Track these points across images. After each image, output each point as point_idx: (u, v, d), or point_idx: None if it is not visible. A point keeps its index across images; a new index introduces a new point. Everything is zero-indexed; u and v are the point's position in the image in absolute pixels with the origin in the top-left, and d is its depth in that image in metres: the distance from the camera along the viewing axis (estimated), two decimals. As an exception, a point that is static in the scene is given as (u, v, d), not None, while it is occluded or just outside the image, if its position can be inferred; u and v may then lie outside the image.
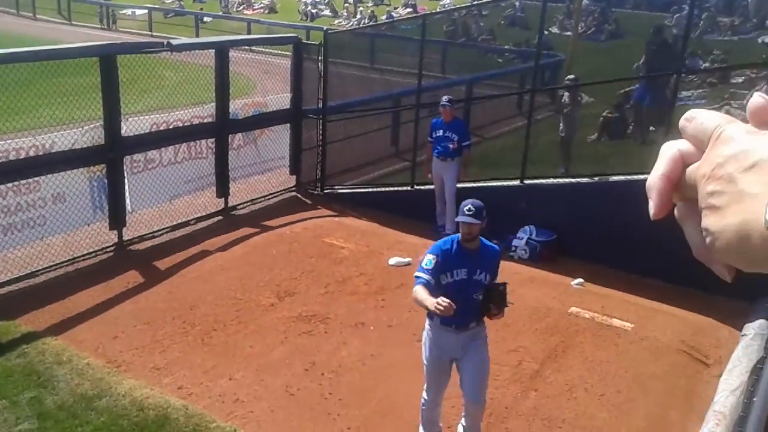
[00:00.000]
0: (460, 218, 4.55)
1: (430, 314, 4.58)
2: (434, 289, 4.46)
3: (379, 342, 6.50)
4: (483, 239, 4.69)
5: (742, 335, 6.64)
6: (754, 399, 2.41)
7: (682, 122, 0.71)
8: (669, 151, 0.71)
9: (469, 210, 4.48)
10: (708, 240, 0.65)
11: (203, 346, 6.33)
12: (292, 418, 5.39)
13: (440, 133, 9.15)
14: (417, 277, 4.57)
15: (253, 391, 5.71)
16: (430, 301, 4.28)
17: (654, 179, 0.71)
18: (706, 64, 12.01)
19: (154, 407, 5.34)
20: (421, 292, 4.44)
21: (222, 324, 6.71)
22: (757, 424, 2.23)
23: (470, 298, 4.53)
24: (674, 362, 6.33)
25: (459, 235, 4.65)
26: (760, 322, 6.60)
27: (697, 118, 0.69)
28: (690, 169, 0.69)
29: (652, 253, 7.69)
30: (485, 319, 4.68)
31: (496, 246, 4.84)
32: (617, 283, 7.69)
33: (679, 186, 0.70)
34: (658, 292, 7.51)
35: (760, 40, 12.24)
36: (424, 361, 4.83)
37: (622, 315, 7.04)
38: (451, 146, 9.07)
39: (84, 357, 6.01)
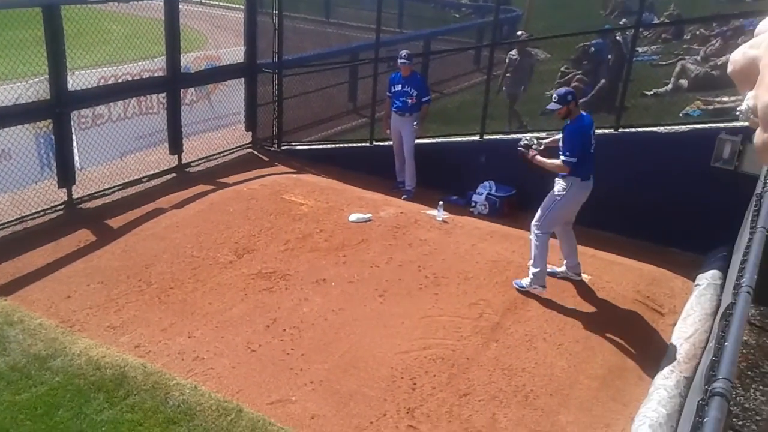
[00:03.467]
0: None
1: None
2: None
3: (341, 298, 6.45)
4: (584, 114, 6.40)
5: (695, 285, 6.81)
6: (726, 344, 2.43)
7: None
8: None
9: (552, 97, 6.33)
10: None
11: (160, 305, 6.19)
12: (253, 373, 5.33)
13: (399, 87, 9.03)
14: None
15: (213, 348, 5.62)
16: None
17: None
18: (662, 19, 12.13)
19: (111, 366, 5.21)
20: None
21: (179, 282, 6.57)
22: (730, 367, 2.26)
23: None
24: (630, 312, 6.46)
25: None
26: (713, 272, 6.76)
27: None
28: None
29: (609, 208, 7.80)
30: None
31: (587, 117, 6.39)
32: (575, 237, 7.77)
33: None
34: (615, 245, 7.64)
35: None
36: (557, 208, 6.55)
37: (579, 267, 7.13)
38: (409, 101, 8.96)
39: (36, 317, 5.81)
